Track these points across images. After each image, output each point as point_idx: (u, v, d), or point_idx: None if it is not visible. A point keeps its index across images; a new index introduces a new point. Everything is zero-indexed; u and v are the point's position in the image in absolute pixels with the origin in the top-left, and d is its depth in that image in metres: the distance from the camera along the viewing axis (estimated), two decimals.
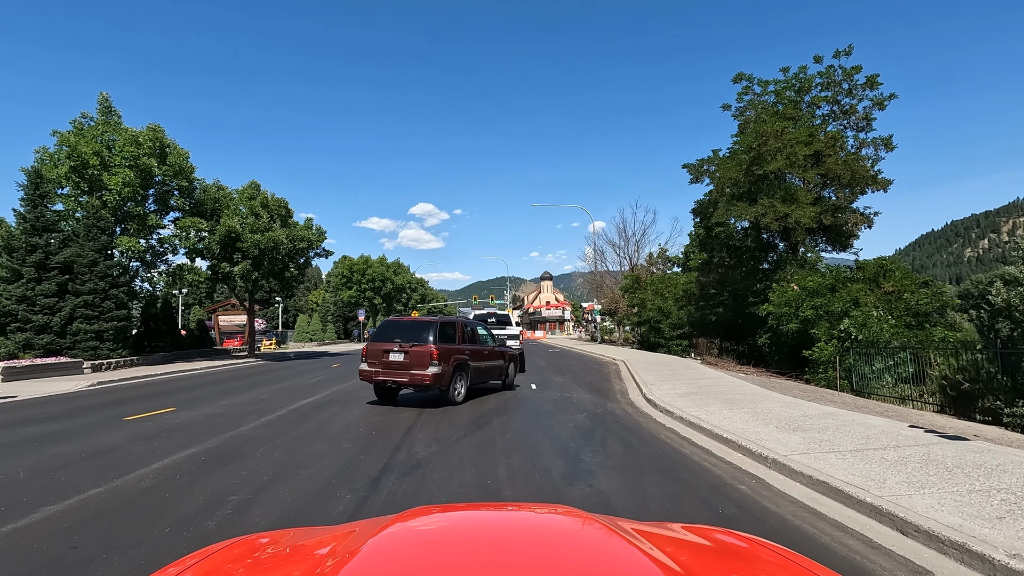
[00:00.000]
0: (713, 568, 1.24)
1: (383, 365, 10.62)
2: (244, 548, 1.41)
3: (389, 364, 10.55)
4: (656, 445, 7.45)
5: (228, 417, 9.68)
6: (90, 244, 21.15)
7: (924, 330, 18.21)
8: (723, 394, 11.47)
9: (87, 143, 21.90)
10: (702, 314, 26.07)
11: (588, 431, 8.34)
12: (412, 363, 10.36)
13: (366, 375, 10.82)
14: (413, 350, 10.38)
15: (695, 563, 1.20)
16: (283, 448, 7.12)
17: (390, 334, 10.91)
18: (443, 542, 1.33)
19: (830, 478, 5.28)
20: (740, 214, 20.35)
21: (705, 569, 1.20)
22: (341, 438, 7.77)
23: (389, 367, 10.56)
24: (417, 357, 10.34)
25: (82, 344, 20.25)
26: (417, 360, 10.33)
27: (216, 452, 6.94)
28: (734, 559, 1.37)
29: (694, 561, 1.22)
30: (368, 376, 10.80)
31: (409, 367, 10.38)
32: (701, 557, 1.33)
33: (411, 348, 10.40)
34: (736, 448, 6.95)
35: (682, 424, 8.79)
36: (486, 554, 1.21)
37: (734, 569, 1.26)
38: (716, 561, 1.34)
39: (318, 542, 1.41)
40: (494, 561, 1.15)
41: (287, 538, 1.50)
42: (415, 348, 10.38)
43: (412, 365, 10.36)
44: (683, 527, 1.63)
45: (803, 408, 9.43)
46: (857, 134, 21.65)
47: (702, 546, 1.44)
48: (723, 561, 1.34)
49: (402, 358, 10.45)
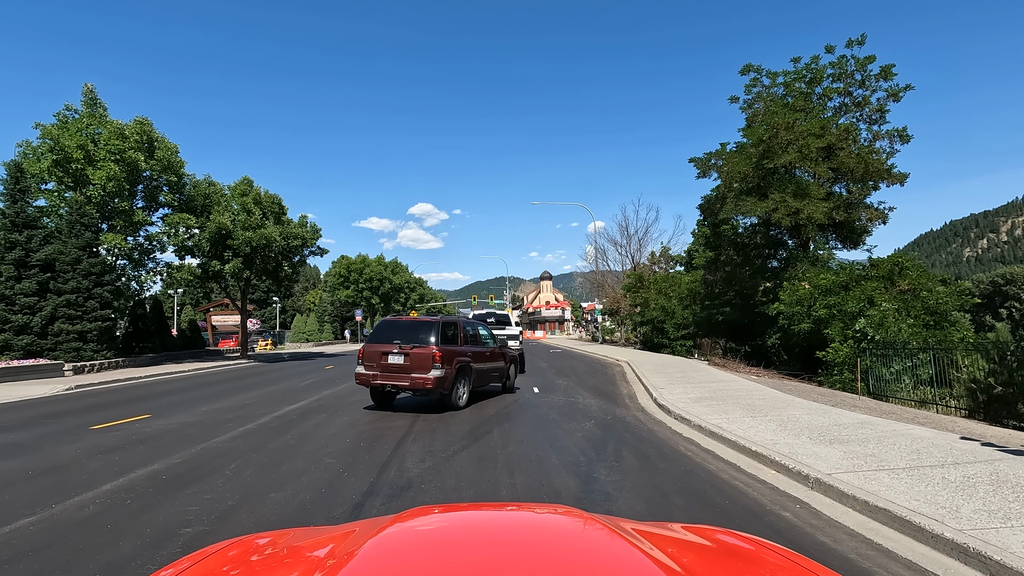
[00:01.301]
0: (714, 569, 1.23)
1: (381, 368, 9.91)
2: (242, 549, 1.39)
3: (388, 367, 9.85)
4: (677, 459, 6.65)
5: (204, 426, 8.87)
6: (73, 241, 20.31)
7: (943, 330, 17.49)
8: (741, 399, 10.68)
9: (71, 136, 21.07)
10: (708, 314, 25.27)
11: (599, 442, 7.54)
12: (413, 366, 9.69)
13: (363, 379, 10.06)
14: (414, 352, 9.71)
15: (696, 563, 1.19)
16: (257, 464, 6.31)
17: (389, 335, 10.15)
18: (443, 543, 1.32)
19: (891, 504, 4.49)
20: (750, 209, 19.56)
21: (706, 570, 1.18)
22: (324, 451, 6.96)
23: (388, 370, 9.86)
24: (418, 359, 9.66)
25: (64, 345, 19.41)
26: (419, 363, 9.67)
27: (181, 469, 6.13)
28: (735, 559, 1.35)
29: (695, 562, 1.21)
30: (365, 380, 10.05)
31: (410, 370, 9.71)
32: (702, 557, 1.32)
33: (412, 350, 9.73)
34: (769, 464, 6.15)
35: (701, 434, 7.99)
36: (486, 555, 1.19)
37: (736, 569, 1.25)
38: (717, 561, 1.33)
39: (317, 543, 1.40)
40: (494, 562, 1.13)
41: (286, 539, 1.47)
42: (416, 350, 9.72)
43: (413, 368, 9.69)
44: (683, 527, 1.60)
45: (833, 416, 8.64)
46: (871, 126, 20.89)
47: (703, 546, 1.42)
48: (725, 561, 1.33)
49: (402, 361, 9.76)
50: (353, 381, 11.11)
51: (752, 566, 1.28)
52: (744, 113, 23.21)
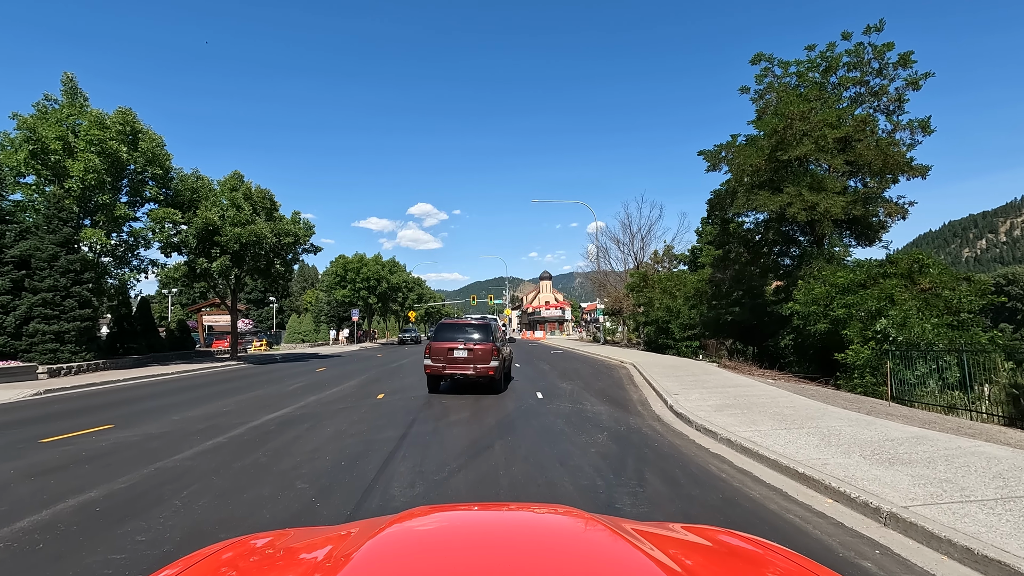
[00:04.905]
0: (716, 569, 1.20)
1: (448, 361, 12.19)
2: (241, 550, 1.36)
3: (455, 360, 12.14)
4: (710, 484, 5.67)
5: (169, 439, 7.88)
6: (51, 237, 19.26)
7: (967, 331, 16.56)
8: (766, 407, 9.70)
9: (49, 126, 20.05)
10: (716, 314, 24.29)
11: (617, 460, 6.56)
12: (476, 359, 12.08)
13: (433, 369, 12.30)
14: (477, 348, 12.10)
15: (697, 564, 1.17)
16: (215, 491, 5.32)
17: (450, 335, 12.41)
18: (443, 544, 1.29)
19: (1003, 553, 3.52)
20: (762, 204, 18.57)
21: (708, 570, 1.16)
22: (298, 473, 5.97)
23: (455, 363, 12.15)
24: (481, 354, 12.10)
25: (40, 347, 18.37)
26: (481, 356, 12.09)
27: (122, 497, 5.13)
28: (737, 560, 1.31)
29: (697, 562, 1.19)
30: (436, 371, 12.28)
31: (473, 362, 12.08)
32: (704, 558, 1.29)
33: (474, 346, 12.11)
34: (824, 490, 5.18)
35: (731, 450, 7.02)
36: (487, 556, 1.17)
37: (738, 570, 1.22)
38: (718, 562, 1.29)
39: (316, 543, 1.37)
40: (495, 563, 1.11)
41: (285, 539, 1.45)
42: (478, 346, 12.12)
43: (476, 360, 12.07)
44: (684, 527, 1.57)
45: (879, 428, 7.65)
46: (890, 116, 19.90)
47: (704, 547, 1.39)
48: (726, 562, 1.30)
49: (466, 355, 12.11)
50: (344, 386, 12.70)
51: (754, 567, 1.26)
52: (754, 104, 22.25)
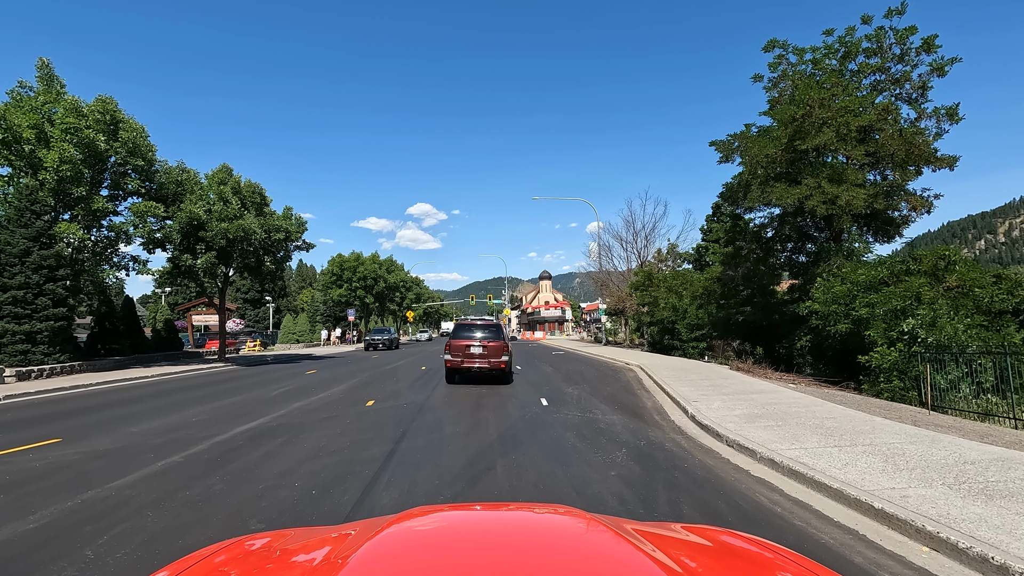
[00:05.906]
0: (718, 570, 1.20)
1: (466, 356, 13.85)
2: (237, 551, 1.35)
3: (471, 355, 13.84)
4: (765, 521, 4.57)
5: (117, 457, 6.76)
6: (22, 231, 18.12)
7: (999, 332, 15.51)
8: (803, 418, 8.60)
9: (23, 114, 18.89)
10: (727, 314, 23.20)
11: (643, 488, 5.46)
12: (490, 354, 13.76)
13: (453, 364, 13.94)
14: (490, 344, 13.80)
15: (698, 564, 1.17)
16: (144, 535, 4.20)
17: (466, 333, 14.03)
18: (443, 544, 1.28)
19: None
20: (779, 196, 17.48)
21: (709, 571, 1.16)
22: (256, 506, 4.86)
23: (472, 357, 13.85)
24: (495, 350, 13.80)
25: (9, 348, 17.22)
26: (495, 352, 13.79)
27: (22, 545, 4.01)
28: (738, 560, 1.30)
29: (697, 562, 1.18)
30: (456, 364, 13.93)
31: (488, 356, 13.77)
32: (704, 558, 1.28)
33: (488, 343, 13.80)
34: (915, 535, 4.07)
35: (779, 473, 5.91)
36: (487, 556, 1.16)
37: (739, 570, 1.21)
38: (720, 563, 1.28)
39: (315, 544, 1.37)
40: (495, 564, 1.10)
41: (284, 540, 1.44)
42: (491, 343, 13.81)
43: (490, 355, 13.76)
44: (684, 527, 1.57)
45: (947, 446, 6.53)
46: (914, 104, 18.82)
47: (704, 547, 1.39)
48: (727, 562, 1.29)
49: (481, 350, 13.82)
50: (332, 391, 13.49)
51: (755, 567, 1.25)
52: (767, 93, 21.13)
